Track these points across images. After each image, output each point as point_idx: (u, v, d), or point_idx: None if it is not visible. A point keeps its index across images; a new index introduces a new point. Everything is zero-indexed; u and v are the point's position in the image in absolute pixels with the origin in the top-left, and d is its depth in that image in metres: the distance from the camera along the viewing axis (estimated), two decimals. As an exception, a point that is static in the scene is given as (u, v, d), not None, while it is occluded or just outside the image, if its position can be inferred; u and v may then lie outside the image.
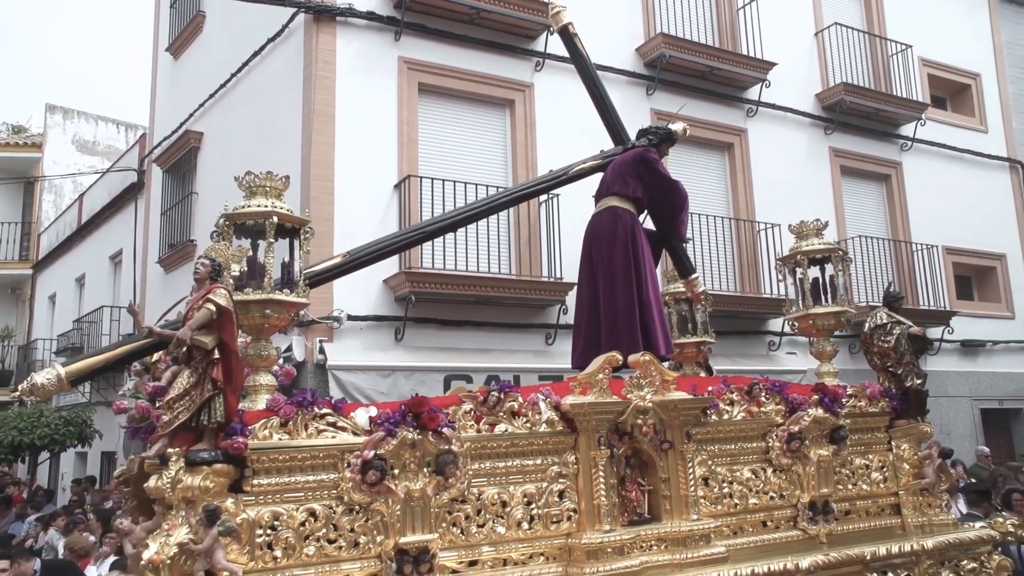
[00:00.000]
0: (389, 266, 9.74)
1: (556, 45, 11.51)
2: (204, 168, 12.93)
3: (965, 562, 4.95)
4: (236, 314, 3.69)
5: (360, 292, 9.45)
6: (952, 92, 16.15)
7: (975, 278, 15.55)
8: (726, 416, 4.62)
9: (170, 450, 3.51)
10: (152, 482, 3.53)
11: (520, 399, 4.11)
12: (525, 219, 10.81)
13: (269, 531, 3.61)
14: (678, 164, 12.13)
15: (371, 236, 9.92)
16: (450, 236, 9.66)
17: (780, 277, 5.55)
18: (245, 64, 11.89)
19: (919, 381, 5.11)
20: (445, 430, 3.85)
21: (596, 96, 5.72)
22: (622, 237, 5.06)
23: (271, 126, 11.23)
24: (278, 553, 3.60)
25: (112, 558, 7.46)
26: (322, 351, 9.16)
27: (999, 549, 5.07)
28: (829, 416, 4.85)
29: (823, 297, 5.26)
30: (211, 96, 12.72)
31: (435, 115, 10.95)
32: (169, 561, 3.35)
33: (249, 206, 4.04)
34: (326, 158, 10.05)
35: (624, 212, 5.15)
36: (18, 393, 3.98)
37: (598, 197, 5.45)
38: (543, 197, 10.90)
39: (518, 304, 10.58)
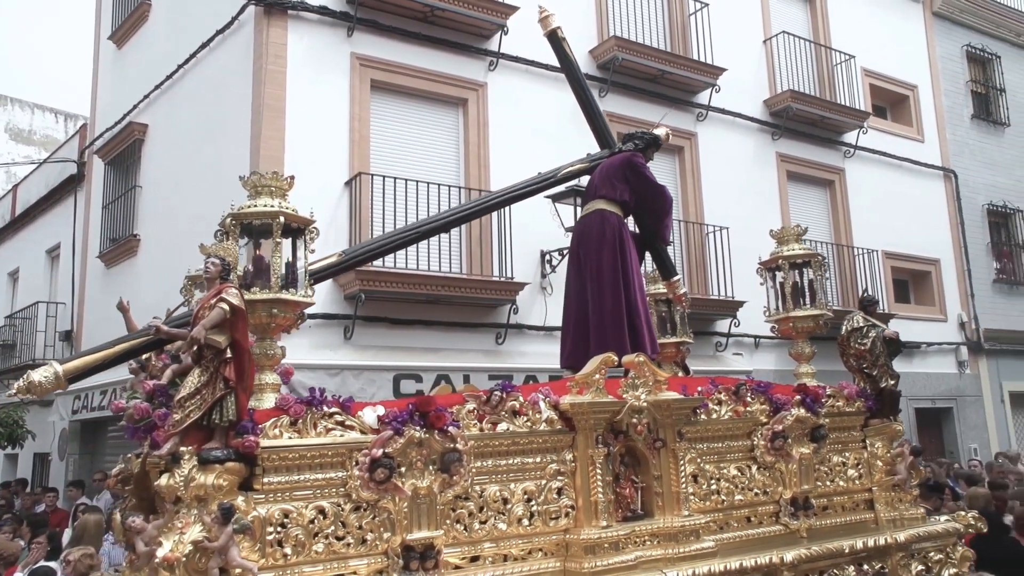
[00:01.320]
0: (338, 264, 9.81)
1: (510, 45, 11.71)
2: (149, 161, 12.72)
3: (932, 553, 5.29)
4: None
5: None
6: (891, 102, 16.89)
7: (912, 282, 16.30)
8: (714, 415, 4.85)
9: (183, 448, 3.54)
10: (164, 480, 3.56)
11: (521, 398, 4.26)
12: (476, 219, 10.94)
13: (279, 528, 3.67)
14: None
15: (321, 232, 10.00)
16: None
17: (761, 280, 5.82)
18: (193, 56, 11.76)
19: (892, 382, 5.45)
20: (451, 429, 3.97)
21: (584, 100, 5.90)
22: (610, 239, 5.24)
23: (219, 120, 11.13)
24: (288, 550, 3.67)
25: (41, 563, 7.33)
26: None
27: (962, 540, 5.44)
28: (810, 416, 5.12)
29: (802, 300, 5.55)
30: (157, 87, 12.53)
31: (387, 112, 11.01)
32: (184, 559, 3.39)
33: (255, 205, 4.07)
34: (275, 153, 10.00)
35: (612, 215, 5.33)
36: (15, 391, 3.95)
37: (585, 200, 5.62)
38: (494, 197, 11.06)
39: (468, 303, 10.70)
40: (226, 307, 3.61)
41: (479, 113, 11.53)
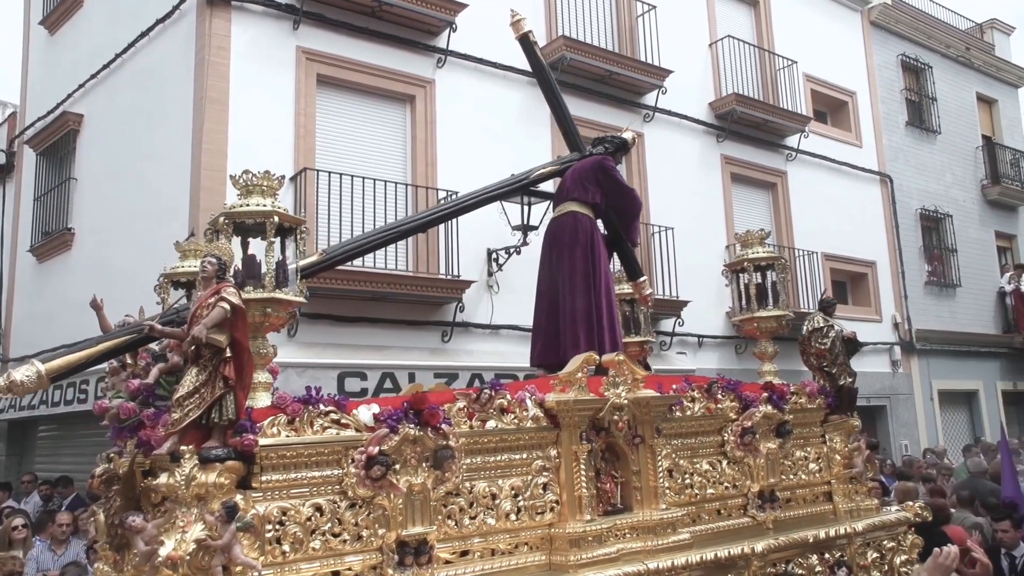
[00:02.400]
0: (283, 260, 9.91)
1: (459, 42, 11.91)
2: (84, 152, 12.56)
3: (886, 541, 5.70)
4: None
5: (252, 285, 9.50)
6: (831, 108, 17.67)
7: (849, 283, 17.09)
8: (688, 412, 5.15)
9: (183, 448, 3.65)
10: (163, 479, 3.66)
11: (509, 396, 4.47)
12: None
13: (278, 526, 3.80)
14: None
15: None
16: (346, 230, 9.91)
17: (727, 282, 6.17)
18: (132, 45, 11.67)
19: (851, 380, 5.86)
20: (443, 426, 4.16)
21: (554, 104, 6.14)
22: (583, 241, 5.50)
23: (159, 111, 11.09)
24: (287, 547, 3.79)
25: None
26: None
27: (912, 529, 5.88)
28: (777, 412, 5.47)
29: (765, 302, 5.92)
30: (93, 76, 12.40)
31: (333, 108, 11.15)
32: (188, 557, 3.51)
33: (248, 205, 4.19)
34: (218, 147, 10.05)
35: (584, 217, 5.59)
36: None
37: (556, 201, 5.87)
38: (441, 194, 11.30)
39: (414, 301, 10.89)
40: (227, 307, 3.72)
41: (427, 110, 11.73)
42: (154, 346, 4.56)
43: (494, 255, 11.82)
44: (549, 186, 6.85)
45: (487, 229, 11.18)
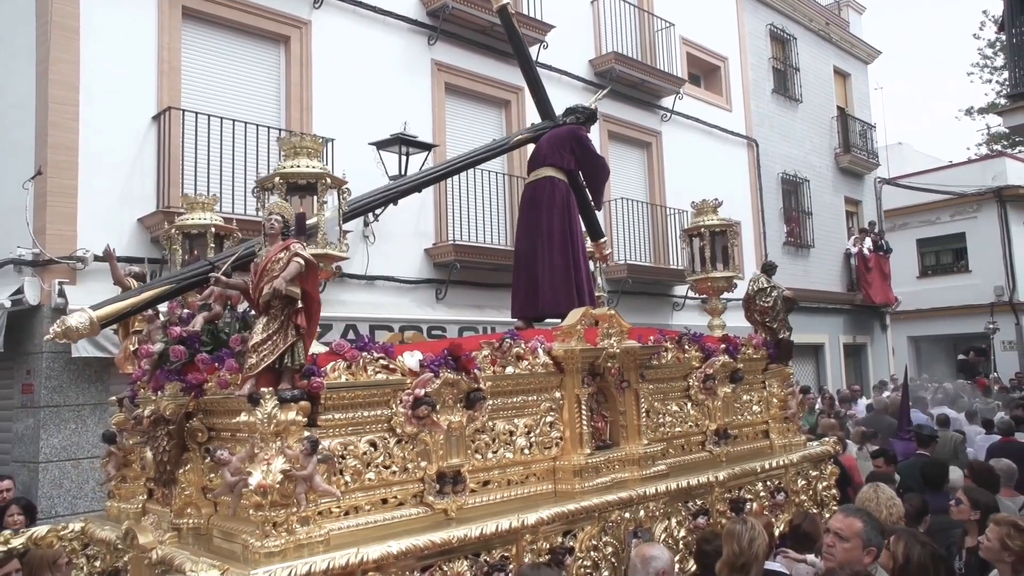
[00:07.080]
0: (144, 203, 10.13)
1: (336, -21, 12.34)
2: None
3: (811, 471, 7.17)
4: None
5: (110, 230, 9.64)
6: (705, 72, 19.39)
7: (717, 243, 19.04)
8: (663, 361, 6.28)
9: (263, 389, 4.38)
10: (243, 417, 4.38)
11: (524, 345, 5.45)
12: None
13: (340, 459, 4.63)
14: (455, 117, 13.64)
15: (125, 169, 10.24)
16: (214, 174, 10.26)
17: (684, 245, 7.38)
18: (-49, -49, 11.27)
19: (788, 334, 7.23)
20: (476, 371, 5.09)
21: (529, 76, 7.05)
22: (559, 204, 6.50)
23: (-4, 35, 10.87)
24: (348, 478, 4.62)
25: None
26: (62, 294, 9.28)
27: (832, 460, 7.41)
28: (732, 361, 6.73)
29: (717, 263, 7.19)
30: (-101, -15, 11.82)
31: (201, 44, 11.25)
32: (277, 486, 4.28)
33: (297, 166, 4.89)
34: (69, 79, 9.93)
35: (559, 182, 6.59)
36: (51, 336, 4.57)
37: (532, 166, 6.83)
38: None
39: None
40: (302, 262, 4.46)
41: (302, 52, 12.04)
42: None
43: (371, 205, 12.40)
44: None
45: (364, 178, 11.69)
